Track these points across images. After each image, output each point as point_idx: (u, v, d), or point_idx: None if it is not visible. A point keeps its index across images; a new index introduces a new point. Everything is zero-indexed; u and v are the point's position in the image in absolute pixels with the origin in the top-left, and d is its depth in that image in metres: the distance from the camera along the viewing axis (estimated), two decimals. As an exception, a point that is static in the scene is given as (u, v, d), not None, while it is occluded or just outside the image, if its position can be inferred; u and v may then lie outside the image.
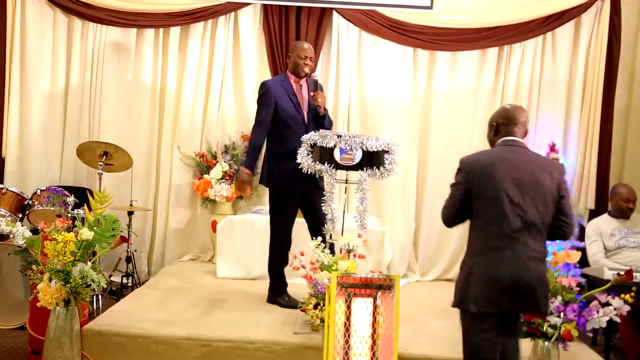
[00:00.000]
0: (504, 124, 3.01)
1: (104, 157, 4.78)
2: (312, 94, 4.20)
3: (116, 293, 4.85)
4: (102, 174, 4.73)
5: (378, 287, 2.93)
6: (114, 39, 5.62)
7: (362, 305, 2.90)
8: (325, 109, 4.24)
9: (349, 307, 2.89)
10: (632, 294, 3.17)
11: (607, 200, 5.06)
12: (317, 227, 4.11)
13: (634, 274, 3.32)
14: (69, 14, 5.55)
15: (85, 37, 5.58)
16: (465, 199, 2.84)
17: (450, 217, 2.94)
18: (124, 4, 5.45)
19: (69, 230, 3.49)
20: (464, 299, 2.79)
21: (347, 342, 2.87)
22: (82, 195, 4.69)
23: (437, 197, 5.03)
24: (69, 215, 4.50)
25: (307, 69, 4.23)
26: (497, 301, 2.72)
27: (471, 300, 2.74)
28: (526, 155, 2.91)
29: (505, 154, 2.90)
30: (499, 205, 2.76)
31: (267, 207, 5.54)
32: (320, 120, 4.23)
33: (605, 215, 4.70)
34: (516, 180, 2.79)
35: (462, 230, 5.35)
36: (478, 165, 2.86)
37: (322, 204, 3.89)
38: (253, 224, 5.12)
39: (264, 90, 4.20)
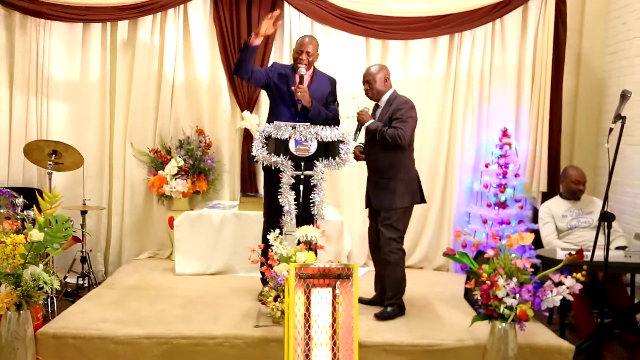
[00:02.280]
0: (390, 78, 4.20)
1: (53, 156, 4.65)
2: (293, 88, 4.18)
3: (72, 294, 4.74)
4: (51, 173, 4.61)
5: (336, 276, 2.94)
6: (59, 34, 5.46)
7: (321, 296, 2.91)
8: (311, 101, 4.20)
9: (308, 297, 2.89)
10: (584, 272, 3.25)
11: (558, 182, 5.18)
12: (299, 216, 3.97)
13: (585, 253, 3.41)
14: (9, 9, 5.36)
15: (29, 32, 5.39)
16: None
17: (410, 142, 4.08)
18: (69, -3, 5.30)
19: (18, 232, 3.39)
20: (414, 197, 4.11)
21: (307, 332, 2.87)
22: (32, 196, 4.55)
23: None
24: (18, 217, 4.37)
25: (300, 64, 4.22)
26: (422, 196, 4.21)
27: (417, 197, 4.13)
28: None
29: None
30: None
31: (224, 202, 5.56)
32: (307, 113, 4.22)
33: (557, 198, 4.81)
34: None
35: (419, 215, 5.44)
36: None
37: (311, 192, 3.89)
38: (210, 218, 5.07)
39: (271, 66, 4.50)
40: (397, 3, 5.48)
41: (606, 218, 3.42)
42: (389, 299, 4.07)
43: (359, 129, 4.14)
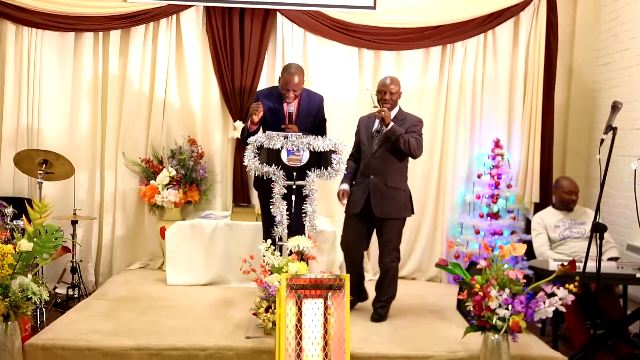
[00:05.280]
0: None
1: (44, 165, 4.63)
2: (283, 126, 4.26)
3: (62, 305, 4.69)
4: (42, 182, 4.58)
5: (328, 287, 2.92)
6: (51, 44, 5.44)
7: (312, 307, 2.89)
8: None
9: (299, 308, 2.87)
10: (576, 283, 3.24)
11: (551, 193, 5.18)
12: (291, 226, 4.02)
13: (577, 264, 3.41)
14: (0, 18, 5.34)
15: (20, 41, 5.38)
16: None
17: None
18: (61, 7, 5.27)
19: (7, 242, 3.36)
20: (411, 208, 4.32)
21: (298, 344, 2.84)
22: (22, 206, 4.51)
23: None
24: (7, 226, 4.32)
25: (288, 100, 4.32)
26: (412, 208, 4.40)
27: (411, 209, 4.34)
28: None
29: None
30: None
31: (216, 212, 5.53)
32: None
33: (550, 208, 4.81)
34: None
35: (410, 227, 5.43)
36: None
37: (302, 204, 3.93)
38: (202, 229, 5.05)
39: (255, 98, 4.56)
40: (389, 14, 5.50)
41: (598, 229, 3.41)
42: (385, 301, 4.23)
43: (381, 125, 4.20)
